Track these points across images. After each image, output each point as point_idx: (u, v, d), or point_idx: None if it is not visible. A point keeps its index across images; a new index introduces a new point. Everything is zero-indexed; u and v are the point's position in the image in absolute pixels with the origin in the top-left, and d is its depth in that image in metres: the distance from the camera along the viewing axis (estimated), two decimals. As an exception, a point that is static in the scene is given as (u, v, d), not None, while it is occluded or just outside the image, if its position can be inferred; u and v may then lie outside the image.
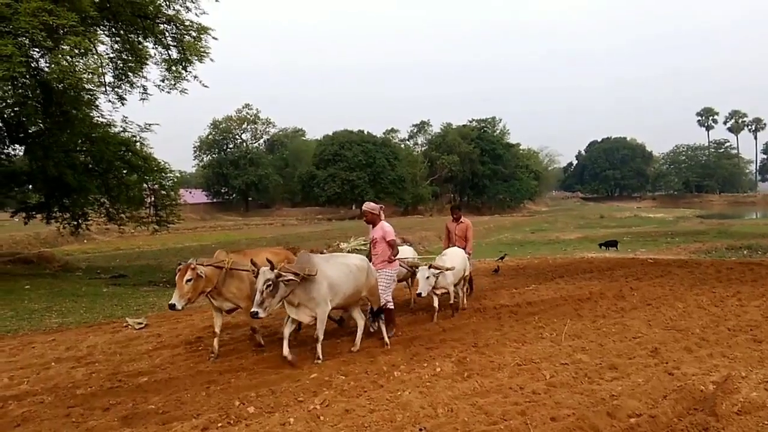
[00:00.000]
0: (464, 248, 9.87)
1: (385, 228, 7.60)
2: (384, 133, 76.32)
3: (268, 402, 5.13)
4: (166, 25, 15.69)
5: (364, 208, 7.79)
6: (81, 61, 12.97)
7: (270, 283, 5.83)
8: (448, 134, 76.81)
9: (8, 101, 12.58)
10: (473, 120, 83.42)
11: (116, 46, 15.92)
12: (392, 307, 7.64)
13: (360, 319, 7.17)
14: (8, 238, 29.04)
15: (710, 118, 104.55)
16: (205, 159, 72.48)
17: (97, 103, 15.96)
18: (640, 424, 4.42)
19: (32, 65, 13.19)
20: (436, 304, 8.57)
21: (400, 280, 9.18)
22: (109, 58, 15.55)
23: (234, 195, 73.16)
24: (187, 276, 6.37)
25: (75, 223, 18.09)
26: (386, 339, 7.13)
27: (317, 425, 4.54)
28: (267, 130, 77.41)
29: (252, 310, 5.81)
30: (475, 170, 76.31)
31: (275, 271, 5.89)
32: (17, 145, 17.39)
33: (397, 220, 52.59)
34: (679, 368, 5.73)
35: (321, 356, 6.37)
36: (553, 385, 5.35)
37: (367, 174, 64.36)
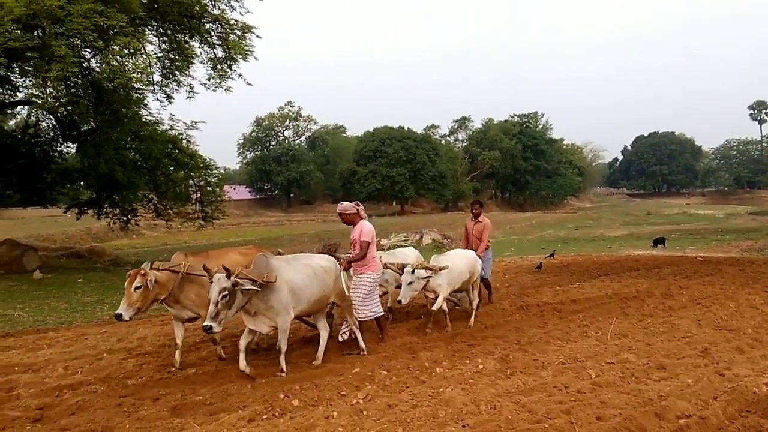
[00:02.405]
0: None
1: (363, 228, 6.89)
2: (424, 129, 76.31)
3: (312, 395, 5.19)
4: (211, 25, 16.02)
5: (337, 210, 7.12)
6: (130, 60, 13.34)
7: (226, 292, 5.22)
8: (489, 130, 76.17)
9: (61, 100, 13.01)
10: (515, 115, 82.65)
11: (164, 45, 16.34)
12: (382, 313, 7.07)
13: (324, 330, 6.57)
14: (62, 233, 30.18)
15: (763, 111, 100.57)
16: (248, 156, 73.81)
17: (145, 101, 16.43)
18: (690, 425, 4.31)
19: (84, 65, 13.64)
20: (436, 307, 7.54)
21: (397, 286, 7.93)
22: (157, 57, 15.95)
23: (276, 191, 74.20)
24: (136, 282, 5.79)
25: (125, 218, 18.67)
26: (362, 345, 6.62)
27: (360, 419, 4.58)
28: (309, 127, 78.34)
29: (205, 323, 5.21)
30: (516, 166, 75.49)
31: (232, 278, 5.27)
32: (70, 143, 18.08)
33: (437, 217, 52.51)
34: (731, 369, 5.55)
35: (285, 370, 5.75)
36: (599, 384, 5.25)
37: (407, 170, 64.39)
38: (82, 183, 19.41)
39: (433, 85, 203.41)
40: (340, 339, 6.85)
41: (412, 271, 7.11)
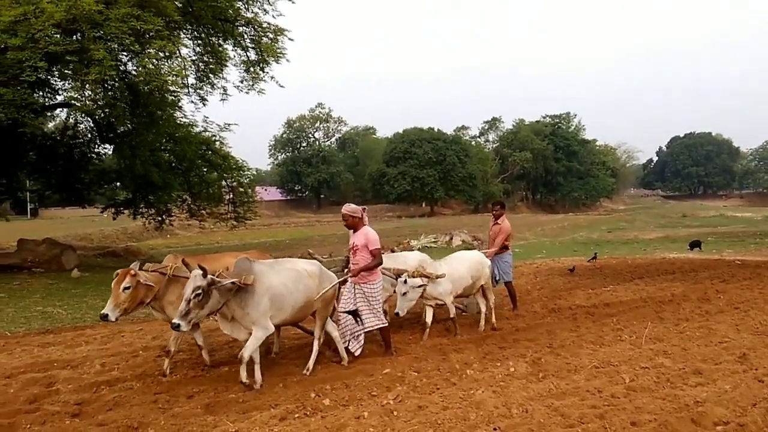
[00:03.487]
0: (499, 253, 8.97)
1: (369, 235, 6.45)
2: (454, 131, 76.06)
3: (343, 395, 5.22)
4: (244, 28, 16.25)
5: (343, 210, 6.63)
6: (166, 63, 13.64)
7: (200, 291, 5.05)
8: (520, 131, 75.58)
9: (99, 103, 13.37)
10: (546, 116, 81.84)
11: (198, 48, 16.63)
12: (385, 324, 6.63)
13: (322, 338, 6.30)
14: (98, 233, 30.92)
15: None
16: (279, 157, 74.59)
17: (180, 104, 16.76)
18: (728, 432, 4.21)
19: (121, 68, 13.95)
20: (428, 319, 7.38)
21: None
22: (191, 60, 16.27)
23: (307, 192, 74.82)
24: (125, 283, 5.65)
25: (159, 218, 19.05)
26: (343, 354, 6.34)
27: (391, 420, 4.59)
28: (339, 128, 78.91)
29: (173, 321, 5.02)
30: (548, 167, 74.70)
31: (208, 277, 5.10)
32: (107, 145, 18.52)
33: (467, 218, 52.25)
34: (771, 375, 5.41)
35: (245, 380, 5.35)
36: (633, 389, 5.17)
37: (437, 171, 64.24)
38: (118, 184, 19.90)
39: (465, 86, 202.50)
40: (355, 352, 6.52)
41: (405, 281, 6.74)
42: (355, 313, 6.45)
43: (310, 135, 75.66)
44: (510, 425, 4.40)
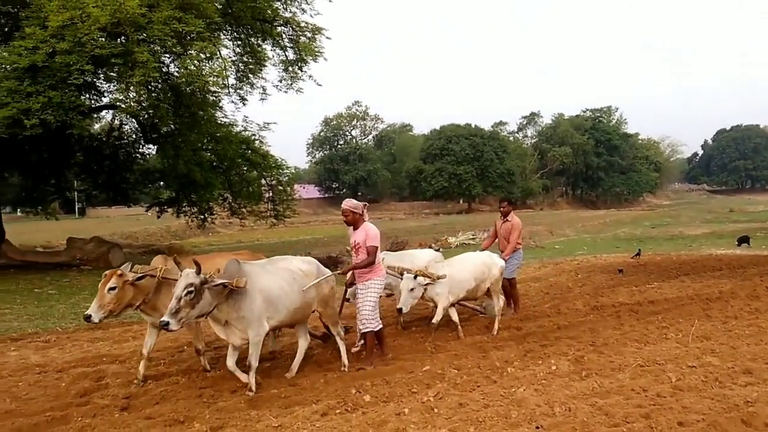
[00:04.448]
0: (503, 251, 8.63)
1: (369, 231, 6.19)
2: (492, 126, 75.24)
3: (383, 392, 5.24)
4: (283, 27, 16.42)
5: (343, 205, 6.37)
6: (207, 64, 13.87)
7: (192, 289, 4.83)
8: (559, 125, 74.41)
9: (143, 104, 13.68)
10: (587, 110, 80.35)
11: (238, 49, 16.88)
12: (381, 326, 6.34)
13: (304, 341, 6.12)
14: (143, 231, 31.73)
15: None
16: (317, 155, 75.18)
17: (220, 104, 17.04)
18: (780, 434, 4.08)
19: (163, 70, 14.27)
20: (436, 320, 7.11)
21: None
22: (231, 61, 16.51)
23: (344, 190, 75.14)
24: (111, 283, 5.42)
25: (202, 216, 19.44)
26: (345, 362, 6.09)
27: (432, 417, 4.59)
28: (375, 126, 79.01)
29: (163, 318, 4.81)
30: (589, 162, 73.38)
31: (201, 275, 4.89)
32: (151, 145, 18.98)
33: (506, 215, 51.56)
34: (825, 375, 5.21)
35: (254, 388, 5.28)
36: (680, 388, 5.05)
37: (474, 168, 63.74)
38: (162, 183, 20.39)
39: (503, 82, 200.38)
40: (353, 351, 6.49)
41: (414, 277, 6.60)
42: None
43: (347, 133, 76.06)
44: (553, 424, 4.36)
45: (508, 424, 4.38)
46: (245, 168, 18.95)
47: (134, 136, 19.79)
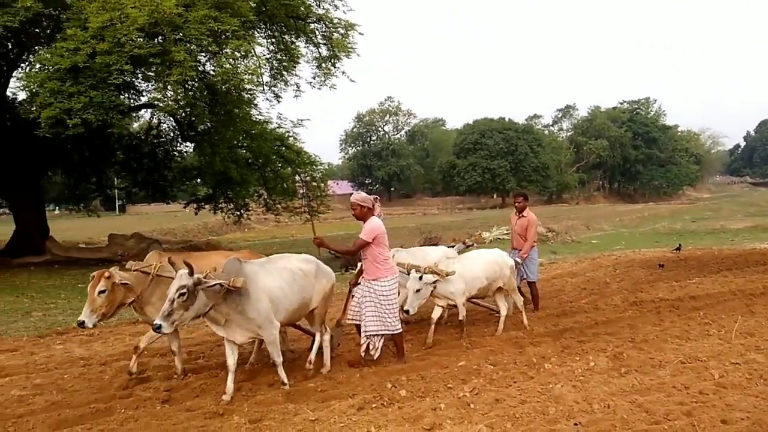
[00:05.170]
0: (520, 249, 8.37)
1: (367, 225, 5.92)
2: (526, 120, 74.37)
3: (419, 387, 5.24)
4: (316, 24, 16.50)
5: (352, 198, 6.10)
6: (242, 63, 14.03)
7: (184, 291, 4.67)
8: (595, 118, 73.07)
9: (180, 103, 13.90)
10: (624, 101, 78.59)
11: (271, 47, 17.04)
12: (399, 330, 6.00)
13: (326, 334, 5.99)
14: (181, 227, 32.36)
15: None
16: (350, 151, 75.48)
17: (255, 101, 17.23)
18: (831, 434, 3.95)
19: (200, 69, 14.49)
20: (435, 315, 6.97)
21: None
22: (265, 58, 16.67)
23: (377, 185, 75.31)
24: (100, 286, 5.30)
25: (238, 213, 19.72)
26: (327, 362, 5.94)
27: (468, 412, 4.57)
28: (408, 121, 78.86)
29: (155, 321, 4.67)
30: (626, 155, 71.92)
31: (195, 276, 4.73)
32: (188, 143, 19.34)
33: (540, 209, 51.00)
34: None
35: (286, 381, 5.28)
36: (723, 385, 4.93)
37: (508, 162, 63.19)
38: (199, 180, 20.73)
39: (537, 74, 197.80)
40: (362, 350, 6.08)
41: (420, 277, 6.36)
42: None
43: (379, 128, 76.15)
44: (591, 421, 4.30)
45: (545, 421, 4.34)
46: (280, 164, 19.14)
47: (172, 135, 20.20)
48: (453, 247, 9.52)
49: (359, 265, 6.32)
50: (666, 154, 73.94)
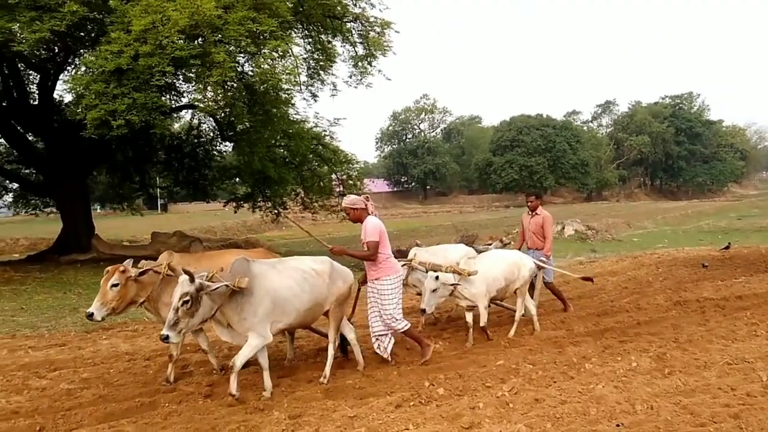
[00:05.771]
0: (540, 249, 8.13)
1: (367, 225, 5.84)
2: (564, 116, 73.26)
3: (457, 385, 5.23)
4: (352, 23, 16.55)
5: (343, 205, 6.14)
6: (280, 63, 14.13)
7: (188, 298, 4.59)
8: (636, 113, 71.52)
9: (220, 103, 14.09)
10: (666, 96, 76.74)
11: (308, 47, 17.14)
12: (407, 326, 5.99)
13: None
14: (221, 226, 32.95)
15: None
16: (385, 149, 75.54)
17: (293, 101, 17.37)
18: None
19: (238, 69, 14.68)
20: (469, 319, 6.84)
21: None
22: (302, 58, 16.79)
23: (413, 183, 75.23)
24: (113, 280, 5.31)
25: (276, 211, 19.95)
26: (360, 361, 5.97)
27: (507, 412, 4.54)
28: (444, 119, 78.56)
29: (162, 332, 4.62)
30: (668, 151, 70.22)
31: (196, 281, 4.63)
32: (227, 143, 19.64)
33: (579, 206, 50.26)
34: None
35: (234, 392, 4.96)
36: (773, 388, 4.78)
37: (546, 159, 62.37)
38: (238, 179, 21.06)
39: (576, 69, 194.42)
40: (378, 351, 6.10)
41: (437, 277, 6.26)
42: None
43: (415, 126, 76.06)
44: (634, 422, 4.22)
45: (586, 421, 4.28)
46: (316, 163, 19.30)
47: (212, 134, 20.54)
48: (491, 245, 9.44)
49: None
50: (710, 150, 71.94)
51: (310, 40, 16.98)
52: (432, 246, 8.49)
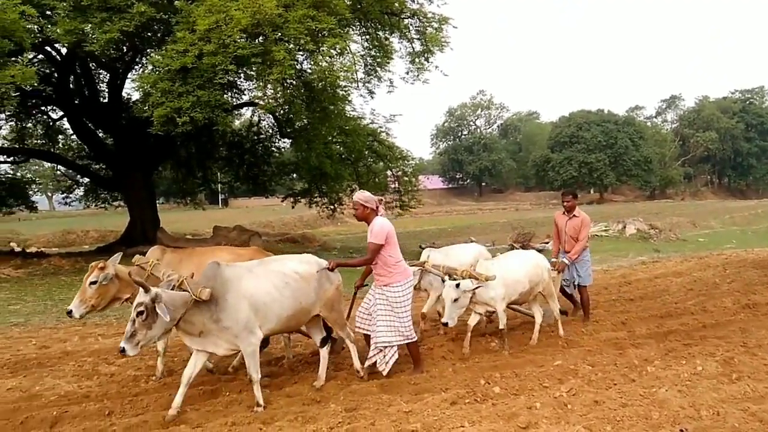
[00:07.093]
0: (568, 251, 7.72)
1: (374, 226, 5.42)
2: (627, 111, 71.16)
3: (513, 384, 5.18)
4: (409, 19, 16.58)
5: (354, 197, 5.62)
6: (338, 60, 14.31)
7: (142, 309, 4.24)
8: (704, 109, 68.69)
9: (279, 101, 14.38)
10: (736, 91, 73.36)
11: (366, 44, 17.28)
12: (414, 338, 5.56)
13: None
14: (278, 220, 33.62)
15: None
16: (440, 146, 75.31)
17: (350, 98, 17.56)
18: None
19: (297, 67, 14.94)
20: (471, 322, 6.46)
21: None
22: (360, 55, 16.94)
23: (468, 180, 74.72)
24: (92, 277, 5.15)
25: (332, 207, 20.23)
26: (358, 367, 5.63)
27: (565, 413, 4.47)
28: (500, 114, 77.73)
29: (120, 344, 4.34)
30: (737, 148, 67.21)
31: (152, 292, 4.28)
32: (286, 139, 20.02)
33: (642, 205, 48.78)
34: None
35: (261, 402, 4.77)
36: None
37: (607, 156, 60.69)
38: (296, 175, 21.48)
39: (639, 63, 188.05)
40: (367, 364, 5.61)
41: (457, 285, 5.82)
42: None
43: (471, 123, 75.52)
44: (699, 428, 4.09)
45: (648, 425, 4.17)
46: (372, 159, 19.47)
47: (271, 131, 20.99)
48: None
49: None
50: (784, 147, 68.45)
51: (368, 37, 17.09)
52: (444, 246, 8.13)
